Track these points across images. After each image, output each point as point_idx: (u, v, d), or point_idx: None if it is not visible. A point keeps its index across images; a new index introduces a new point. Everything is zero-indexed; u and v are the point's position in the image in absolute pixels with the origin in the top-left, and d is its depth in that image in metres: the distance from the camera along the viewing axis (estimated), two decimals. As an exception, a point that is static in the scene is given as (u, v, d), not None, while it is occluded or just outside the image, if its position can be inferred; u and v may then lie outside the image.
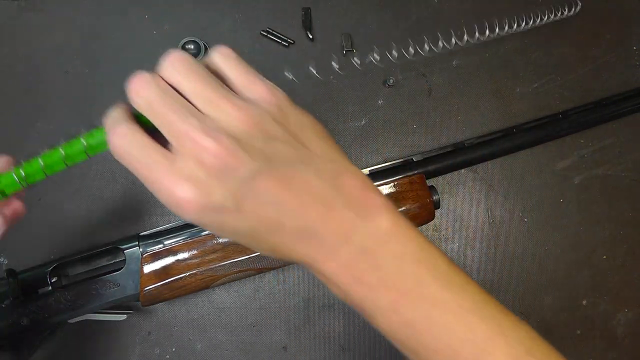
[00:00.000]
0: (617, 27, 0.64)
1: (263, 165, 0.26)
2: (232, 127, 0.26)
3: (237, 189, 0.26)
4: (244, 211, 0.26)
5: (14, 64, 0.59)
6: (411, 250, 0.27)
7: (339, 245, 0.27)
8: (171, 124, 0.26)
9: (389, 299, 0.27)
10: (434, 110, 0.61)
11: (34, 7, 0.61)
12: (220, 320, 0.56)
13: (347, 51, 0.60)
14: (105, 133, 0.29)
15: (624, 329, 0.58)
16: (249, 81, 0.29)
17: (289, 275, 0.57)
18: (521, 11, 0.61)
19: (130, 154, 0.27)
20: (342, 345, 0.56)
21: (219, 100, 0.27)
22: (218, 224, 0.27)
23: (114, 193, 0.57)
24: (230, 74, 0.29)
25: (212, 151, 0.25)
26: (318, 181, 0.27)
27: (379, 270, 0.27)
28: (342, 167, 0.28)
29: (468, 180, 0.60)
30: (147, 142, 0.27)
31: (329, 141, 0.29)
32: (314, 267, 0.28)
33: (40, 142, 0.58)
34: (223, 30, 0.61)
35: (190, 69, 0.28)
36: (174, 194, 0.26)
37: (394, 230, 0.27)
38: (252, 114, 0.27)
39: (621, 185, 0.61)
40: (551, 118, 0.59)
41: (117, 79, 0.59)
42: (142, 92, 0.27)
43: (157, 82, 0.27)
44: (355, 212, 0.27)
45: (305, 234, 0.27)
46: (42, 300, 0.47)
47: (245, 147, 0.26)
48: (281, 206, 0.26)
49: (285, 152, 0.27)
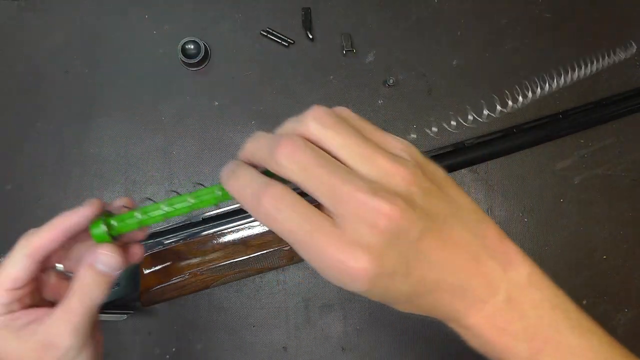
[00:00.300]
0: (617, 27, 0.64)
1: (427, 224, 0.24)
2: (393, 185, 0.24)
3: (407, 252, 0.24)
4: (411, 274, 0.25)
5: (14, 64, 0.60)
6: (548, 297, 0.27)
7: (487, 297, 0.26)
8: (332, 187, 0.24)
9: (530, 348, 0.27)
10: (434, 110, 0.61)
11: (34, 7, 0.61)
12: (220, 320, 0.56)
13: (347, 51, 0.60)
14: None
15: (624, 329, 0.58)
16: (381, 137, 0.27)
17: (289, 275, 0.57)
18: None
19: (287, 218, 0.24)
20: (342, 345, 0.56)
21: (373, 156, 0.25)
22: (383, 290, 0.25)
23: (113, 193, 0.57)
24: (364, 131, 0.27)
25: (386, 213, 0.23)
26: (468, 235, 0.26)
27: (522, 320, 0.27)
28: (482, 217, 0.28)
29: (468, 180, 0.60)
30: (306, 205, 0.25)
31: (462, 189, 0.28)
32: (458, 321, 0.27)
33: (41, 142, 0.58)
34: (223, 30, 0.61)
35: (338, 124, 0.26)
36: (346, 264, 0.23)
37: (532, 279, 0.27)
38: (409, 169, 0.25)
39: (621, 185, 0.61)
40: (551, 118, 0.59)
41: (117, 79, 0.60)
42: (296, 156, 0.25)
43: (309, 144, 0.25)
44: (498, 262, 0.27)
45: (458, 290, 0.26)
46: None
47: (412, 207, 0.24)
48: (441, 265, 0.25)
49: (440, 207, 0.26)
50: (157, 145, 0.58)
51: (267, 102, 0.60)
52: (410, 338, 0.56)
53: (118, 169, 0.58)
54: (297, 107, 0.63)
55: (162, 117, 0.59)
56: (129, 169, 0.58)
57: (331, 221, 0.24)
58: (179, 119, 0.59)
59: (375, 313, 0.56)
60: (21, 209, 0.57)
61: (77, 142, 0.58)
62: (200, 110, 0.59)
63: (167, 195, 0.58)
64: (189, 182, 0.58)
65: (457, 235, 0.26)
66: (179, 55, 0.58)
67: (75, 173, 0.58)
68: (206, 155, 0.58)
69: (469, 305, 0.26)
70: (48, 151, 0.58)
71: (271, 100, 0.60)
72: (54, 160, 0.58)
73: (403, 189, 0.24)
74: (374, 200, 0.23)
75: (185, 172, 0.58)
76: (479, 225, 0.27)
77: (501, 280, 0.26)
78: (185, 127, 0.59)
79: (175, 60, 0.59)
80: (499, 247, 0.27)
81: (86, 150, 0.58)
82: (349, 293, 0.56)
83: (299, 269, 0.57)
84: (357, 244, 0.23)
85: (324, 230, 0.24)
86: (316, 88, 0.60)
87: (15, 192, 0.57)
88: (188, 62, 0.58)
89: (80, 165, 0.58)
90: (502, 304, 0.26)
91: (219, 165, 0.58)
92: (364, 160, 0.25)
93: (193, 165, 0.58)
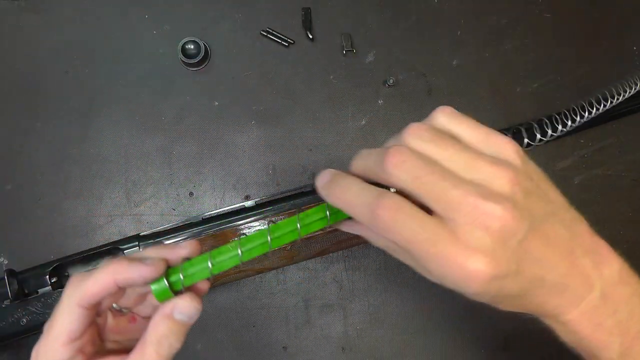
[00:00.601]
0: (617, 27, 0.64)
1: (531, 223, 0.25)
2: (499, 188, 0.25)
3: (516, 252, 0.25)
4: (521, 274, 0.25)
5: (14, 63, 0.60)
6: (637, 292, 0.28)
7: (585, 293, 0.27)
8: (444, 193, 0.25)
9: (623, 342, 0.27)
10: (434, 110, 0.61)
11: (34, 7, 0.61)
12: (220, 320, 0.56)
13: (347, 51, 0.60)
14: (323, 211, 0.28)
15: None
16: (486, 136, 0.28)
17: (289, 275, 0.57)
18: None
19: (405, 228, 0.25)
20: (342, 345, 0.56)
21: (476, 162, 0.26)
22: (497, 291, 0.25)
23: (113, 193, 0.57)
24: (463, 133, 0.28)
25: (498, 216, 0.24)
26: (566, 233, 0.27)
27: (616, 315, 0.27)
28: (575, 215, 0.29)
29: (468, 180, 0.60)
30: (422, 213, 0.25)
31: (555, 187, 0.29)
32: (556, 317, 0.28)
33: (41, 142, 0.58)
34: (223, 30, 0.61)
35: (437, 136, 0.27)
36: (465, 267, 0.24)
37: (622, 274, 0.28)
38: (511, 171, 0.26)
39: (621, 185, 0.61)
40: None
41: (117, 79, 0.60)
42: (406, 165, 0.26)
43: (416, 152, 0.26)
44: (592, 259, 0.28)
45: (559, 287, 0.27)
46: (42, 300, 0.47)
47: (518, 207, 0.25)
48: (544, 263, 0.26)
49: (540, 206, 0.26)
50: (157, 145, 0.58)
51: (267, 102, 0.60)
52: (410, 338, 0.56)
53: (118, 169, 0.58)
54: (297, 107, 0.64)
55: (162, 117, 0.59)
56: (129, 169, 0.58)
57: (446, 226, 0.25)
58: (179, 119, 0.59)
59: (375, 313, 0.56)
60: (21, 209, 0.57)
61: (77, 142, 0.58)
62: (200, 110, 0.59)
63: (167, 195, 0.58)
64: (189, 182, 0.58)
65: (556, 234, 0.27)
66: (179, 55, 0.58)
67: (75, 173, 0.58)
68: (206, 155, 0.58)
69: (568, 302, 0.27)
70: (48, 151, 0.58)
71: (271, 100, 0.60)
72: (54, 160, 0.58)
73: (507, 190, 0.25)
74: (486, 203, 0.24)
75: (185, 172, 0.58)
76: (574, 223, 0.28)
77: (596, 276, 0.27)
78: (185, 127, 0.59)
79: (175, 60, 0.59)
80: (592, 244, 0.28)
81: (86, 150, 0.58)
82: (348, 293, 0.57)
83: (299, 269, 0.57)
84: (473, 247, 0.24)
85: (442, 237, 0.25)
86: (316, 88, 0.60)
87: (15, 192, 0.57)
88: (188, 62, 0.58)
89: (80, 165, 0.58)
90: (597, 300, 0.27)
91: (219, 165, 0.58)
92: (468, 167, 0.26)
93: (193, 165, 0.58)
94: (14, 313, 0.46)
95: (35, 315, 0.46)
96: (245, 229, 0.49)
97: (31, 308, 0.46)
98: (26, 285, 0.47)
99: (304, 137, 0.59)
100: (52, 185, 0.57)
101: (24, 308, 0.46)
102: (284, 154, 0.59)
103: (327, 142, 0.59)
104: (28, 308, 0.46)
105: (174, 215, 0.57)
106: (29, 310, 0.46)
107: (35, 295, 0.47)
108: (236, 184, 0.58)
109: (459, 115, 0.29)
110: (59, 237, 0.56)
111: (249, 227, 0.49)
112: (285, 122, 0.59)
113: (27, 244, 0.56)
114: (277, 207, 0.50)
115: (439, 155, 0.26)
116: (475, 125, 0.28)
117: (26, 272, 0.48)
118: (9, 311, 0.46)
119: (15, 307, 0.46)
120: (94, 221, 0.57)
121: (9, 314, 0.46)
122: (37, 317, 0.47)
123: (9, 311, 0.46)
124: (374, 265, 0.57)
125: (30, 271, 0.48)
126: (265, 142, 0.59)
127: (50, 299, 0.47)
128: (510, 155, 0.27)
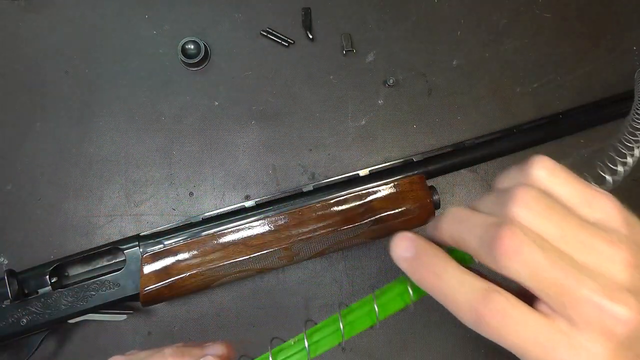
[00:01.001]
0: (617, 27, 0.64)
1: None
2: (617, 275, 0.22)
3: (638, 352, 0.22)
4: None
5: (14, 63, 0.60)
6: None
7: None
8: (566, 291, 0.22)
9: None
10: (434, 110, 0.61)
11: (34, 7, 0.61)
12: (220, 320, 0.56)
13: (347, 51, 0.60)
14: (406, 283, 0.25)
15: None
16: (590, 196, 0.24)
17: (289, 275, 0.57)
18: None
19: (516, 334, 0.22)
20: (342, 345, 0.56)
21: (592, 242, 0.23)
22: None
23: (113, 193, 0.57)
24: (563, 191, 0.24)
25: (624, 320, 0.21)
26: None
27: None
28: None
29: (468, 180, 0.60)
30: (535, 315, 0.22)
31: None
32: None
33: (41, 142, 0.58)
34: (223, 30, 0.61)
35: (548, 206, 0.23)
36: None
37: None
38: (624, 248, 0.22)
39: (621, 185, 0.61)
40: (551, 118, 0.59)
41: (117, 79, 0.60)
42: (523, 257, 0.22)
43: (533, 235, 0.22)
44: None
45: None
46: (42, 300, 0.47)
47: (638, 298, 0.21)
48: None
49: None
50: (157, 145, 0.58)
51: (267, 102, 0.60)
52: (409, 338, 0.56)
53: (118, 169, 0.58)
54: (297, 107, 0.64)
55: (162, 117, 0.59)
56: (129, 169, 0.58)
57: (559, 329, 0.22)
58: (179, 119, 0.59)
59: (375, 313, 0.56)
60: (21, 209, 0.57)
61: (77, 142, 0.58)
62: (200, 110, 0.59)
63: (167, 195, 0.58)
64: (189, 182, 0.58)
65: None
66: (179, 55, 0.58)
67: (75, 173, 0.58)
68: (206, 155, 0.59)
69: None
70: (48, 151, 0.58)
71: (271, 100, 0.60)
72: (54, 160, 0.58)
73: (627, 279, 0.22)
74: (609, 303, 0.21)
75: (185, 172, 0.58)
76: None
77: None
78: (185, 127, 0.59)
79: (175, 60, 0.59)
80: None
81: (86, 150, 0.58)
82: (349, 293, 0.57)
83: (299, 269, 0.57)
84: (590, 352, 0.22)
85: (557, 343, 0.22)
86: (316, 88, 0.60)
87: (15, 192, 0.57)
88: (188, 62, 0.58)
89: (80, 165, 0.58)
90: None
91: (219, 165, 0.58)
92: (583, 248, 0.23)
93: (193, 165, 0.58)
94: (14, 313, 0.46)
95: (35, 315, 0.47)
96: (245, 228, 0.49)
97: (31, 308, 0.47)
98: (26, 285, 0.47)
99: (304, 137, 0.59)
100: (52, 185, 0.57)
101: (24, 308, 0.46)
102: (284, 154, 0.59)
103: (327, 142, 0.59)
104: (28, 308, 0.46)
105: (174, 215, 0.57)
106: (29, 310, 0.46)
107: (35, 295, 0.47)
108: (236, 184, 0.58)
109: (559, 169, 0.25)
110: (59, 237, 0.56)
111: (250, 226, 0.49)
112: (285, 122, 0.59)
113: (27, 244, 0.56)
114: (277, 207, 0.50)
115: (553, 233, 0.23)
116: (575, 181, 0.25)
117: (26, 272, 0.48)
118: (9, 311, 0.46)
119: (15, 307, 0.46)
120: (94, 221, 0.57)
121: (9, 314, 0.46)
122: (37, 317, 0.47)
123: (9, 311, 0.46)
124: (374, 265, 0.57)
125: (30, 271, 0.48)
126: (265, 142, 0.59)
127: (50, 299, 0.47)
128: (614, 218, 0.24)
